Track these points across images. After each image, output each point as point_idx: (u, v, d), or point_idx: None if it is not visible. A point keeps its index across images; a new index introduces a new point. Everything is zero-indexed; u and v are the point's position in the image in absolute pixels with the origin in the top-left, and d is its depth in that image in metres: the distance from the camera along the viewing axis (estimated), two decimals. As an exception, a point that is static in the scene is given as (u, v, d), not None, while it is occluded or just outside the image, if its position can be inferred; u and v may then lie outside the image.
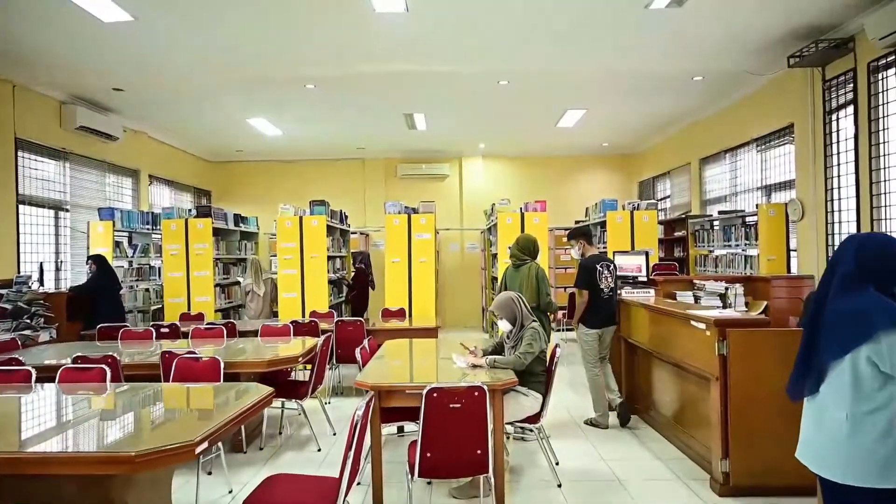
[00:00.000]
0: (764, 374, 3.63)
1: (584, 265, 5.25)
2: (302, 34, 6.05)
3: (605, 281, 5.18)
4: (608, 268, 5.26)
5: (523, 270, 5.23)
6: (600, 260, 5.29)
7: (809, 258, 6.79)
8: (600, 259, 5.30)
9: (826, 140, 6.46)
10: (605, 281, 5.18)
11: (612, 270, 5.29)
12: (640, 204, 8.23)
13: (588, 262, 5.24)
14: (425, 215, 8.08)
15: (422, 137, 11.05)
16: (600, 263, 5.23)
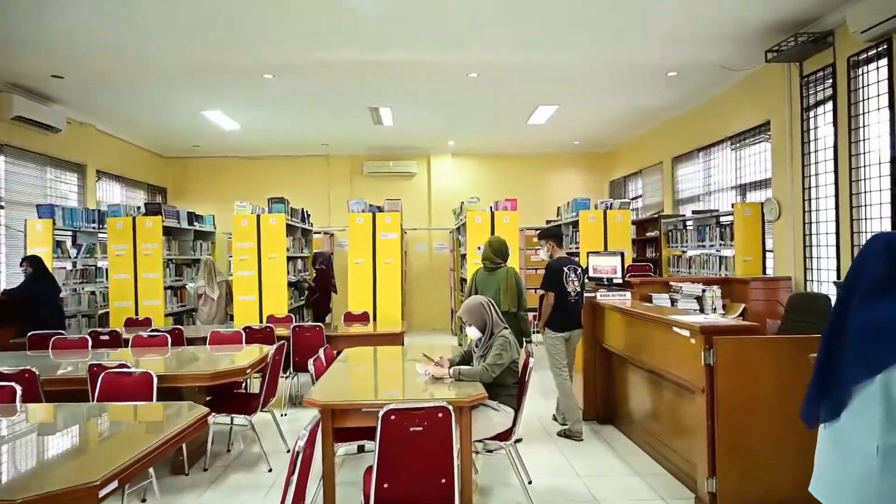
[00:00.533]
0: (754, 385, 3.35)
1: (550, 267, 5.15)
2: (258, 17, 5.60)
3: (571, 284, 5.06)
4: (575, 271, 5.14)
5: (500, 274, 5.04)
6: (567, 262, 5.16)
7: (786, 259, 6.60)
8: (568, 262, 5.18)
9: (804, 137, 6.28)
10: (571, 284, 5.06)
11: (579, 274, 5.17)
12: (612, 203, 7.97)
13: (555, 265, 5.13)
14: (391, 214, 7.69)
15: (389, 133, 10.64)
16: (567, 266, 5.11)
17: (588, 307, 5.48)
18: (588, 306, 5.48)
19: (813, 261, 6.21)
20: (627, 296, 5.45)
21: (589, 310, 5.47)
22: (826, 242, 5.99)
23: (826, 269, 6.00)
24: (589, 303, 5.48)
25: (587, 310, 5.47)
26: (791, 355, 3.35)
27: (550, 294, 5.04)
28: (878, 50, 5.24)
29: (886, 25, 4.92)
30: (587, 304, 5.47)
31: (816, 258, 6.16)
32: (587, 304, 5.48)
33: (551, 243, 5.28)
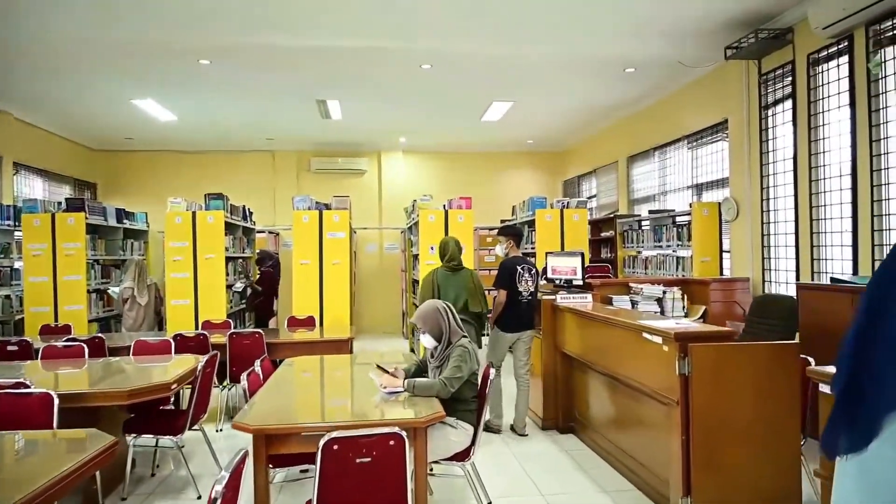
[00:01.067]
0: (732, 396, 3.11)
1: (504, 266, 5.08)
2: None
3: (524, 284, 4.98)
4: (529, 271, 5.06)
5: (464, 274, 5.01)
6: (522, 262, 5.08)
7: (743, 259, 6.51)
8: (522, 261, 5.10)
9: (762, 136, 6.18)
10: (524, 284, 4.98)
11: (533, 274, 5.09)
12: (569, 202, 7.76)
13: (508, 263, 5.06)
14: (339, 212, 7.25)
15: (337, 128, 10.17)
16: (521, 265, 5.03)
17: (547, 310, 5.21)
18: (547, 309, 5.21)
19: (771, 261, 6.12)
20: (588, 298, 5.20)
21: (548, 313, 5.20)
22: (785, 243, 5.90)
23: (784, 270, 5.91)
24: (548, 305, 5.21)
25: (546, 313, 5.20)
26: (771, 363, 3.14)
27: (502, 292, 4.96)
28: (839, 47, 5.15)
29: (848, 22, 4.82)
30: (546, 306, 5.21)
31: (775, 259, 6.07)
32: (546, 307, 5.21)
33: (510, 241, 5.19)
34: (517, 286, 4.93)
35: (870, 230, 4.85)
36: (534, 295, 5.05)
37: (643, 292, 5.72)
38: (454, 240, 5.20)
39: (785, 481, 3.12)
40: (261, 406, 3.03)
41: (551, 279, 5.80)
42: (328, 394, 3.71)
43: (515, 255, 5.17)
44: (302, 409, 3.24)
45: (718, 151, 7.14)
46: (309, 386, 3.90)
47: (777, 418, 3.12)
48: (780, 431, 3.13)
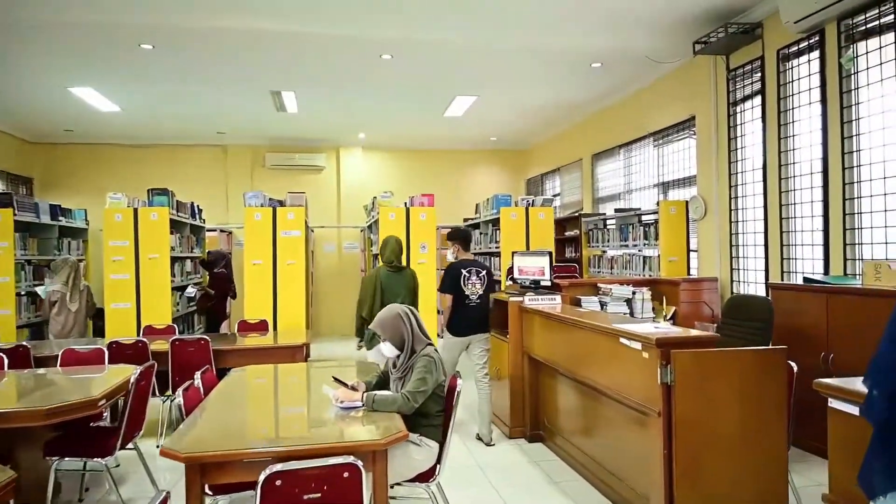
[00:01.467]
0: (717, 406, 2.90)
1: (449, 269, 4.96)
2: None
3: (471, 287, 4.86)
4: (477, 273, 4.92)
5: (407, 275, 4.96)
6: (469, 265, 4.94)
7: (711, 259, 6.39)
8: (469, 264, 4.96)
9: (730, 133, 6.07)
10: (471, 287, 4.86)
11: (482, 277, 4.93)
12: (534, 200, 7.54)
13: (454, 266, 4.94)
14: (294, 209, 6.85)
15: (294, 122, 9.75)
16: (468, 268, 4.90)
17: (514, 312, 4.96)
18: (514, 311, 4.95)
19: (740, 261, 6.01)
20: (557, 299, 4.96)
21: (515, 315, 4.95)
22: (754, 242, 5.79)
23: (753, 270, 5.80)
24: (515, 307, 4.95)
25: (513, 315, 4.95)
26: (758, 369, 2.93)
27: (447, 297, 4.87)
28: (810, 42, 5.05)
29: (820, 16, 4.71)
30: (513, 308, 4.95)
31: (743, 258, 5.96)
32: (513, 309, 4.95)
33: (457, 245, 5.06)
34: (463, 289, 4.82)
35: (841, 229, 4.75)
36: (484, 297, 4.91)
37: (612, 293, 5.53)
38: (395, 238, 5.08)
39: (772, 493, 2.92)
40: (198, 427, 2.66)
41: (518, 280, 5.56)
42: (278, 410, 3.34)
43: (464, 257, 5.05)
44: (246, 429, 2.85)
45: (685, 149, 7.02)
46: (256, 401, 3.53)
47: (764, 427, 2.92)
48: (766, 441, 2.93)
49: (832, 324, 4.21)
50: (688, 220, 6.71)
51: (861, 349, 3.97)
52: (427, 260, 7.08)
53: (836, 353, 4.15)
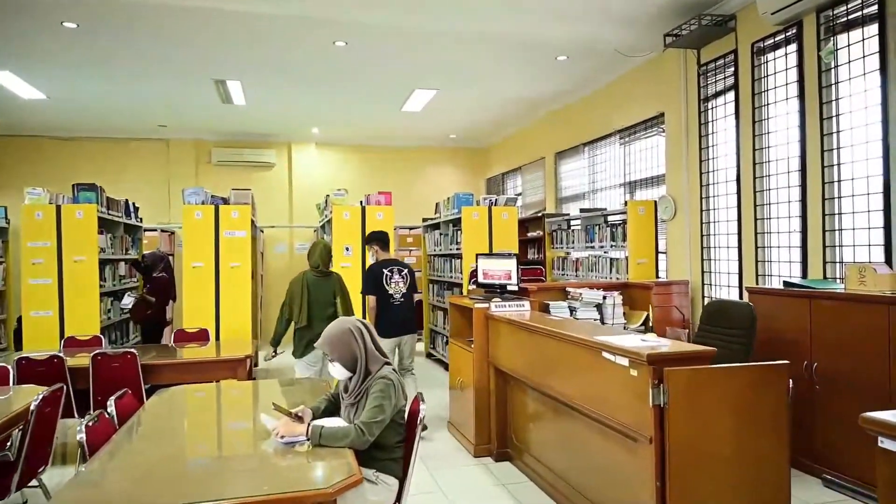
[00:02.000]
0: (715, 429, 2.56)
1: (370, 270, 5.05)
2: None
3: (394, 286, 4.94)
4: (400, 272, 5.03)
5: (334, 279, 4.90)
6: (390, 264, 5.05)
7: (680, 261, 6.15)
8: (390, 263, 5.06)
9: (701, 130, 5.83)
10: (394, 286, 4.94)
11: (405, 275, 5.05)
12: (498, 199, 7.18)
13: (375, 267, 5.02)
14: (238, 207, 6.30)
15: (242, 116, 9.15)
16: (389, 268, 5.00)
17: (479, 320, 4.57)
18: (479, 319, 4.57)
19: (712, 263, 5.77)
20: (526, 306, 4.60)
21: (480, 323, 4.56)
22: (727, 244, 5.56)
23: (727, 273, 5.57)
24: (480, 315, 4.57)
25: (478, 323, 4.56)
26: (758, 387, 2.61)
27: (371, 298, 4.91)
28: (787, 35, 4.82)
29: (799, 7, 4.49)
30: (478, 316, 4.57)
31: (716, 261, 5.72)
32: (478, 317, 4.57)
33: (375, 247, 5.12)
34: (386, 289, 4.87)
35: (820, 231, 4.53)
36: (408, 296, 4.98)
37: (582, 298, 5.20)
38: (324, 243, 5.04)
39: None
40: (96, 476, 2.15)
41: (483, 284, 5.17)
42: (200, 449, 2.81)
43: (385, 257, 5.08)
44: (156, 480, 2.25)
45: (653, 147, 6.77)
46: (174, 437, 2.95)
47: (764, 450, 2.61)
48: (767, 465, 2.61)
49: (816, 331, 3.97)
50: (657, 221, 6.45)
51: (847, 358, 3.74)
52: (351, 263, 6.61)
53: (819, 362, 3.91)
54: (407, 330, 5.00)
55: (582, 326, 3.79)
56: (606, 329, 3.56)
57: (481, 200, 7.21)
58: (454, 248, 7.46)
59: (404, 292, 4.94)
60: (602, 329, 3.65)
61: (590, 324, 4.30)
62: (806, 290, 4.09)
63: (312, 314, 4.70)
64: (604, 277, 6.86)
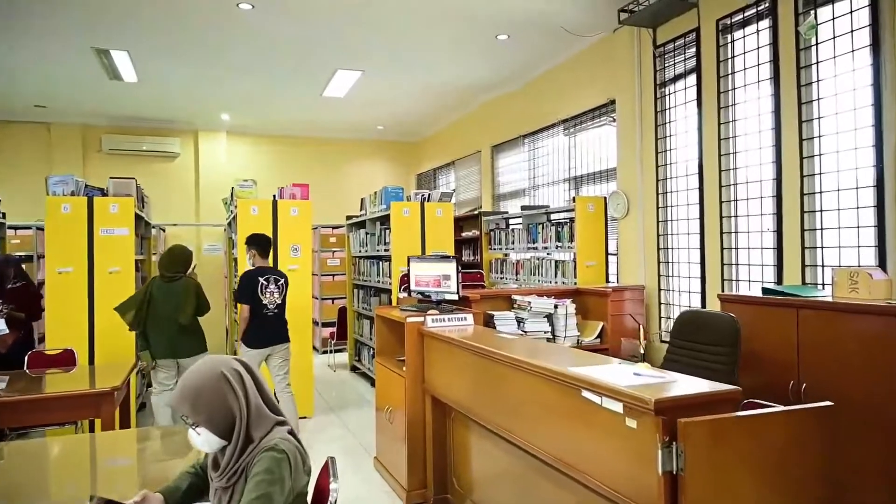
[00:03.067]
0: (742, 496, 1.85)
1: (244, 277, 4.75)
2: None
3: (269, 296, 4.71)
4: (276, 282, 4.78)
5: (183, 286, 4.59)
6: (267, 272, 4.78)
7: (634, 263, 5.56)
8: (267, 271, 4.80)
9: (658, 119, 5.25)
10: (269, 296, 4.71)
11: (281, 285, 4.80)
12: (430, 194, 6.39)
13: (250, 274, 4.73)
14: (119, 199, 5.21)
15: (137, 97, 7.95)
16: (266, 276, 4.74)
17: (412, 337, 3.76)
18: (412, 336, 3.76)
19: (670, 266, 5.20)
20: (469, 319, 3.82)
21: (414, 340, 3.75)
22: (688, 245, 4.99)
23: (687, 277, 5.00)
24: (413, 330, 3.75)
25: (411, 341, 3.76)
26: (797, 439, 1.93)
27: (244, 307, 4.65)
28: (759, 9, 4.28)
29: (775, -25, 3.94)
30: (411, 332, 3.76)
31: (675, 263, 5.15)
32: (411, 333, 3.76)
33: (253, 251, 4.81)
34: (260, 298, 4.65)
35: (798, 230, 4.00)
36: (282, 307, 4.78)
37: (531, 307, 4.48)
38: (180, 248, 4.78)
39: None
40: None
41: (416, 292, 4.36)
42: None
43: (261, 264, 4.81)
44: None
45: (602, 138, 6.17)
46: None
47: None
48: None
49: (803, 347, 3.39)
50: (607, 220, 5.85)
51: (838, 377, 3.17)
52: (299, 266, 5.69)
53: (808, 382, 3.33)
54: (277, 340, 4.74)
55: (545, 349, 3.04)
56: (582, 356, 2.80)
57: (413, 196, 6.40)
58: (382, 249, 6.62)
59: (278, 303, 4.73)
60: (571, 354, 2.90)
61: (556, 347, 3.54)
62: (790, 299, 3.50)
63: (150, 323, 4.47)
64: (548, 282, 6.21)
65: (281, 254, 5.63)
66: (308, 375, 5.69)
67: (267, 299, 4.68)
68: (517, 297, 4.63)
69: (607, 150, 6.05)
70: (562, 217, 6.31)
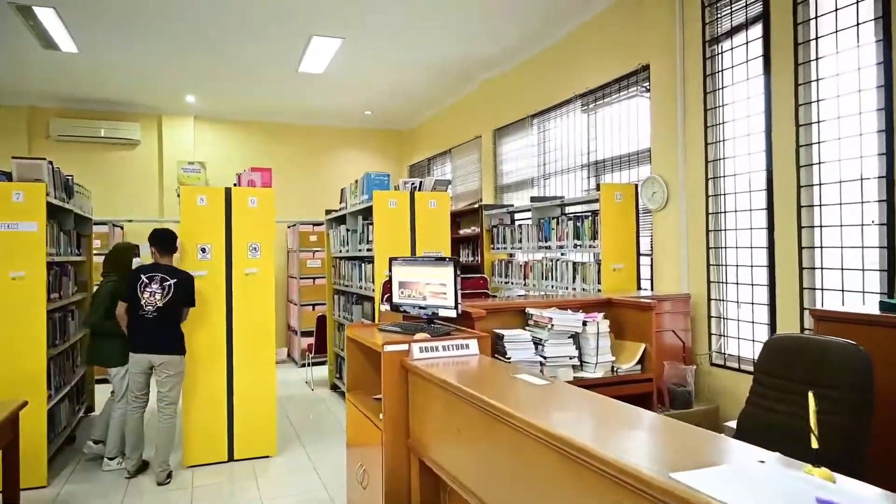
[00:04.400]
0: None
1: (130, 273, 4.35)
2: None
3: (148, 296, 4.18)
4: (161, 281, 4.21)
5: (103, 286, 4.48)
6: (154, 270, 4.24)
7: (671, 266, 4.49)
8: (155, 269, 4.25)
9: (707, 85, 4.17)
10: (148, 296, 4.18)
11: (166, 286, 4.21)
12: (423, 182, 5.30)
13: (135, 271, 4.32)
14: (25, 186, 4.09)
15: (83, 73, 6.86)
16: (150, 274, 4.22)
17: (392, 371, 2.67)
18: (392, 370, 2.67)
19: (723, 270, 4.13)
20: (472, 348, 2.73)
21: (393, 378, 2.66)
22: (750, 242, 3.91)
23: (749, 284, 3.92)
24: (393, 363, 2.67)
25: (389, 377, 2.67)
26: None
27: (121, 304, 4.27)
28: (857, -72, 3.20)
29: None
30: (389, 365, 2.67)
31: (732, 267, 4.08)
32: (389, 367, 2.67)
33: (154, 249, 4.35)
34: (138, 297, 4.18)
35: (920, 222, 2.93)
36: (164, 311, 4.18)
37: (553, 326, 3.39)
38: (118, 246, 4.84)
39: None
40: None
41: (400, 306, 3.28)
42: None
43: (163, 262, 4.32)
44: None
45: (629, 113, 5.08)
46: None
47: None
48: None
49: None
50: (638, 212, 4.77)
51: None
52: (259, 269, 4.60)
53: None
54: (158, 349, 4.18)
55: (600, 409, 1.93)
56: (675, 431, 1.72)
57: (401, 185, 5.31)
58: (365, 248, 5.52)
59: (159, 307, 4.15)
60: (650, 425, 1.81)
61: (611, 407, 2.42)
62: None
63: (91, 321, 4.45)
64: (564, 288, 5.13)
65: (236, 254, 4.54)
66: (269, 406, 4.60)
67: (145, 299, 4.15)
68: (533, 311, 3.54)
69: (637, 127, 4.97)
70: (581, 210, 5.24)
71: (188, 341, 4.29)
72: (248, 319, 4.56)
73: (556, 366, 3.39)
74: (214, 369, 4.47)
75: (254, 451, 4.57)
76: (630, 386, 3.47)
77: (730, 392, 3.97)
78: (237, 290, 4.54)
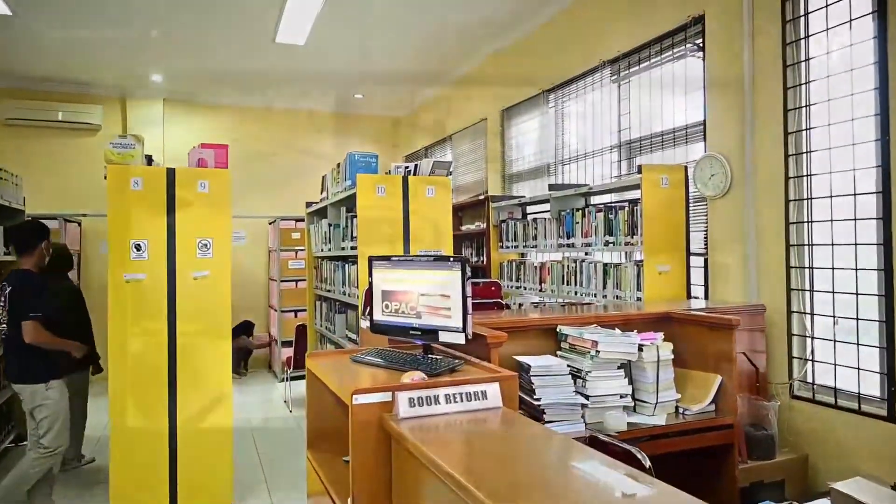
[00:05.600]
0: None
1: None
2: None
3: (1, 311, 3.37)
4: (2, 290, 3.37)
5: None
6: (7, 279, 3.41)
7: (735, 269, 3.53)
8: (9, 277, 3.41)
9: (786, 35, 3.22)
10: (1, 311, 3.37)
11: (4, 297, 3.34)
12: (419, 165, 4.33)
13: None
14: None
15: (27, 46, 5.90)
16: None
17: (366, 435, 1.70)
18: (364, 433, 1.70)
19: (809, 275, 3.16)
20: (491, 396, 1.76)
21: (371, 445, 1.69)
22: (854, 238, 2.95)
23: (850, 293, 2.96)
24: (368, 425, 1.70)
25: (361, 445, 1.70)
26: None
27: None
28: None
29: None
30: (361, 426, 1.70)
31: (819, 271, 3.12)
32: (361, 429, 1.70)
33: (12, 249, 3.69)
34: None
35: None
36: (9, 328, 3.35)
37: (598, 352, 2.43)
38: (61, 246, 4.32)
39: None
40: None
41: (383, 325, 2.32)
42: None
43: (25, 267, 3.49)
44: None
45: (675, 79, 4.11)
46: None
47: None
48: None
49: None
50: (688, 201, 3.81)
51: None
52: (211, 270, 3.64)
53: None
54: (10, 376, 3.45)
55: None
56: None
57: (393, 169, 4.34)
58: (349, 246, 4.54)
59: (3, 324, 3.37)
60: None
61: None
62: None
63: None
64: (592, 295, 4.18)
65: (181, 253, 3.58)
66: (223, 443, 3.64)
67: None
68: (568, 331, 2.58)
69: (685, 96, 4.00)
70: (612, 199, 4.28)
71: (113, 359, 3.35)
72: (197, 336, 3.60)
73: (601, 407, 2.44)
74: (152, 399, 3.51)
75: (203, 501, 3.61)
76: (705, 435, 2.52)
77: (820, 436, 3.02)
78: (183, 299, 3.58)
